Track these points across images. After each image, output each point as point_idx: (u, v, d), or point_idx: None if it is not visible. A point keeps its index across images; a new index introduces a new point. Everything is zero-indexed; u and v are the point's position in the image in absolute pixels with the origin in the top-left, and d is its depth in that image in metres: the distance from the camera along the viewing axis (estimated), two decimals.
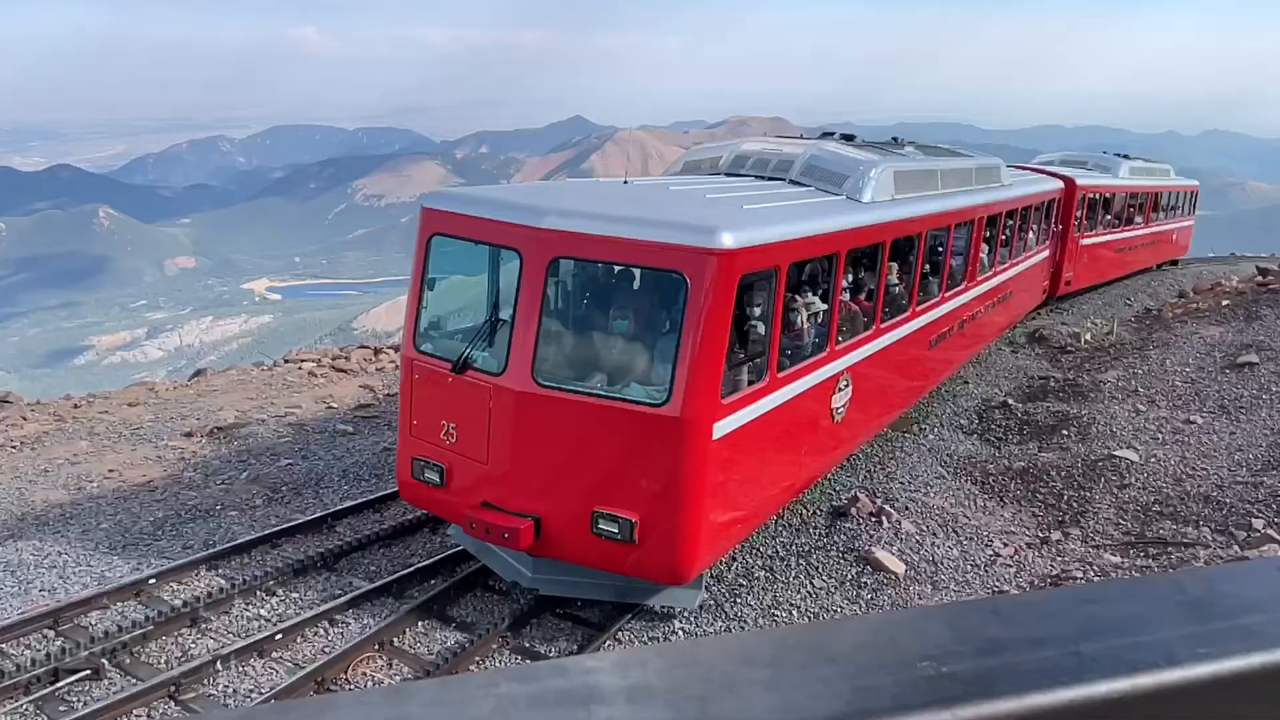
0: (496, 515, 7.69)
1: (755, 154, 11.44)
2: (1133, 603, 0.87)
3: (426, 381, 8.31)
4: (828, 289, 9.36)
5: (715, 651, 0.78)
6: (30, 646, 7.68)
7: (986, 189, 14.66)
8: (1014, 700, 0.73)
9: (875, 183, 10.46)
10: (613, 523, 7.38)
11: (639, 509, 7.35)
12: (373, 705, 0.70)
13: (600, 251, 7.63)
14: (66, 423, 14.20)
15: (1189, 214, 33.62)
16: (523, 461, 7.69)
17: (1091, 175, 24.11)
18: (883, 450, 12.58)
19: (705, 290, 7.10)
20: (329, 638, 8.02)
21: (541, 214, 7.60)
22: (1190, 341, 16.98)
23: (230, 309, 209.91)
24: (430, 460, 8.28)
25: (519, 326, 7.57)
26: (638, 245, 7.32)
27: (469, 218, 8.16)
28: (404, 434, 8.63)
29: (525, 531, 7.56)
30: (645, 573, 7.72)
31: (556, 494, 7.62)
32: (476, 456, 7.93)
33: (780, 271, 7.96)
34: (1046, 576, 9.35)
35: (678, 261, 7.22)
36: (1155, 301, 24.32)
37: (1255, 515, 10.09)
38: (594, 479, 7.50)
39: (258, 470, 11.93)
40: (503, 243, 7.95)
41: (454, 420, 8.09)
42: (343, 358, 18.96)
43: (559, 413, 7.49)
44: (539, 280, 7.55)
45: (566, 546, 7.72)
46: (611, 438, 7.41)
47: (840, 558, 9.55)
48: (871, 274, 10.68)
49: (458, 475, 8.14)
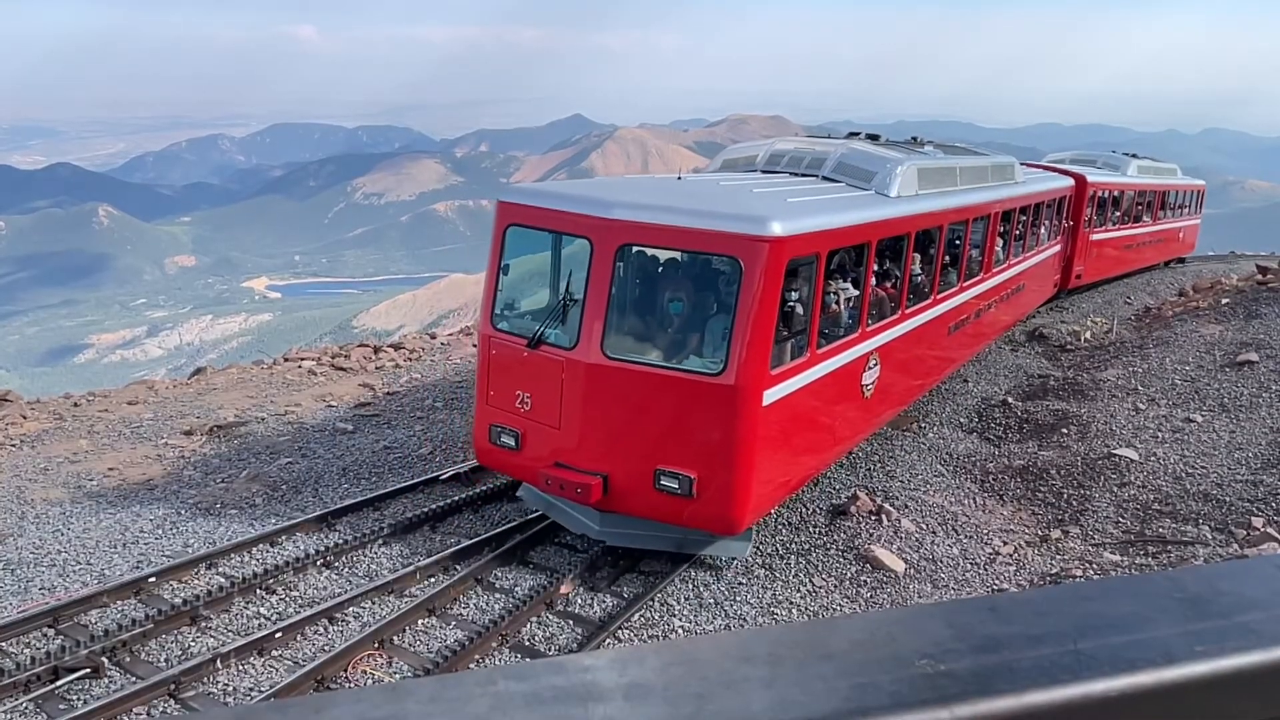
0: (569, 474, 8.57)
1: (789, 152, 12.28)
2: (1131, 600, 0.87)
3: (502, 356, 9.21)
4: (859, 276, 10.09)
5: (713, 649, 0.78)
6: (30, 645, 7.68)
7: (1001, 185, 15.34)
8: (1012, 698, 0.73)
9: (901, 179, 11.17)
10: (673, 479, 8.24)
11: (697, 467, 8.20)
12: (371, 703, 0.70)
13: (664, 239, 8.57)
14: (66, 421, 14.20)
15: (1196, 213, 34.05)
16: (592, 426, 8.57)
17: (1101, 173, 24.59)
18: (882, 449, 12.58)
19: (758, 273, 7.98)
20: (329, 635, 8.03)
21: (610, 206, 8.51)
22: (1190, 340, 16.98)
23: (230, 307, 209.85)
24: (506, 426, 9.16)
25: (589, 306, 8.45)
26: (698, 233, 8.26)
27: (543, 210, 9.14)
28: (481, 404, 9.50)
29: (595, 487, 8.43)
30: (702, 524, 8.58)
31: (622, 454, 8.48)
32: (549, 422, 8.80)
33: (820, 258, 8.83)
34: (1046, 575, 9.35)
35: (733, 248, 8.10)
36: (1155, 300, 24.32)
37: (1255, 513, 10.09)
38: (656, 440, 8.34)
39: (257, 468, 11.93)
40: (575, 232, 8.85)
41: (528, 390, 8.97)
42: (342, 356, 18.94)
43: (625, 382, 8.38)
44: (608, 265, 8.44)
45: (631, 501, 8.59)
46: (672, 404, 8.27)
47: (840, 556, 9.55)
48: (897, 263, 11.35)
49: (531, 440, 9.01)
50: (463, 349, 19.56)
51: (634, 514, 8.78)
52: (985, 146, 18.65)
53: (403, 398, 15.42)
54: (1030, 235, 18.05)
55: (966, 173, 13.84)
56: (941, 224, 12.35)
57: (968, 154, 15.61)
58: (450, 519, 10.38)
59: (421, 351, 19.42)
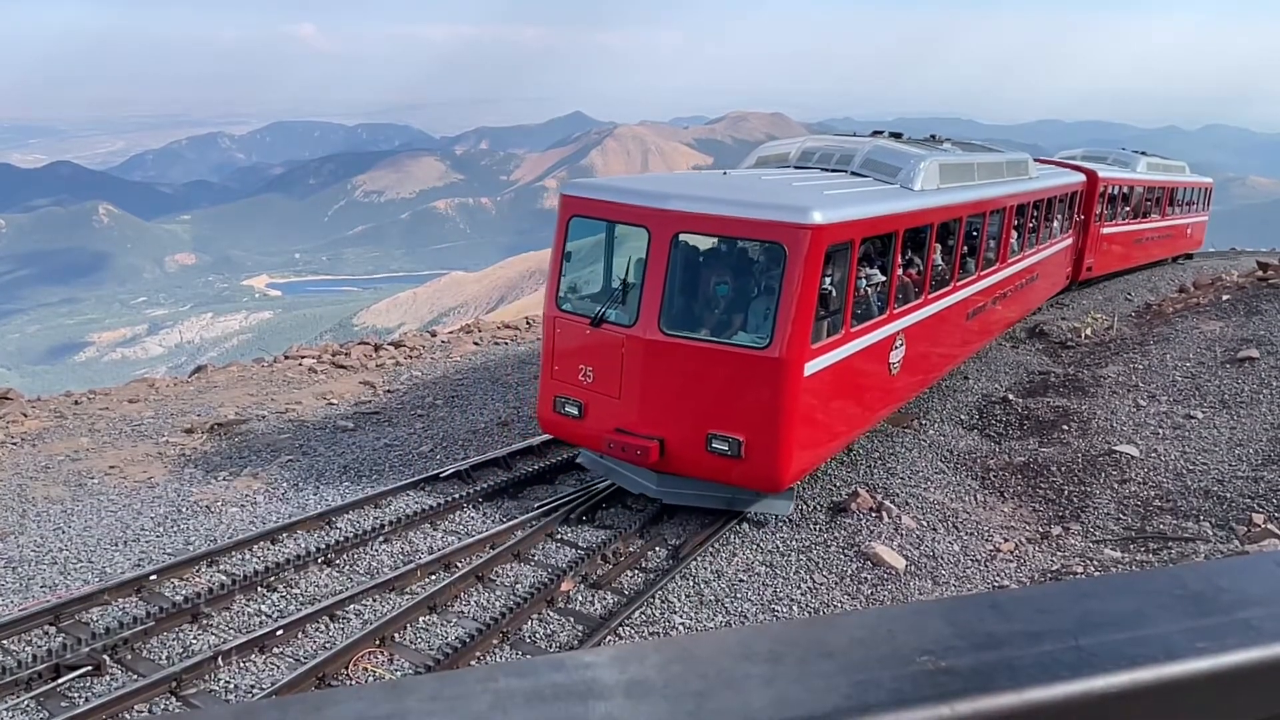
0: (629, 438, 9.45)
1: (820, 149, 13.14)
2: (1132, 597, 0.87)
3: (567, 334, 10.04)
4: (886, 262, 10.81)
5: (713, 646, 0.78)
6: (31, 642, 7.68)
7: (1016, 180, 16.05)
8: (1013, 695, 0.73)
9: (924, 174, 11.92)
10: (724, 442, 9.09)
11: (745, 430, 9.04)
12: (371, 700, 0.70)
13: (715, 227, 9.45)
14: (67, 419, 14.20)
15: (1203, 210, 34.55)
16: (650, 395, 9.43)
17: (1112, 169, 25.13)
18: (883, 445, 12.58)
19: (801, 257, 8.79)
20: (330, 633, 8.03)
21: (666, 199, 9.37)
22: (1190, 336, 16.96)
23: (230, 305, 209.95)
24: (570, 398, 10.01)
25: (648, 287, 9.32)
26: (746, 222, 9.12)
27: (604, 202, 9.94)
28: (545, 378, 10.34)
29: (653, 450, 9.31)
30: (749, 482, 9.43)
31: (677, 420, 9.33)
32: (610, 393, 9.66)
33: (854, 245, 9.64)
34: (1047, 571, 9.35)
35: (779, 235, 8.92)
36: (1156, 296, 24.30)
37: (1255, 510, 10.08)
38: (708, 407, 9.18)
39: (258, 466, 11.94)
40: (633, 222, 9.67)
41: (591, 365, 9.82)
42: (343, 354, 18.93)
43: (680, 356, 9.23)
44: (664, 250, 9.27)
45: (685, 462, 9.45)
46: (723, 374, 9.10)
47: (840, 553, 9.55)
48: (920, 253, 12.08)
49: (593, 409, 9.84)
50: (463, 347, 19.57)
51: (688, 474, 9.66)
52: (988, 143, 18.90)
53: (403, 395, 15.42)
54: (1044, 228, 18.71)
55: (984, 168, 14.46)
56: (961, 216, 13.07)
57: (984, 150, 16.21)
58: (451, 515, 10.39)
59: (422, 349, 19.42)
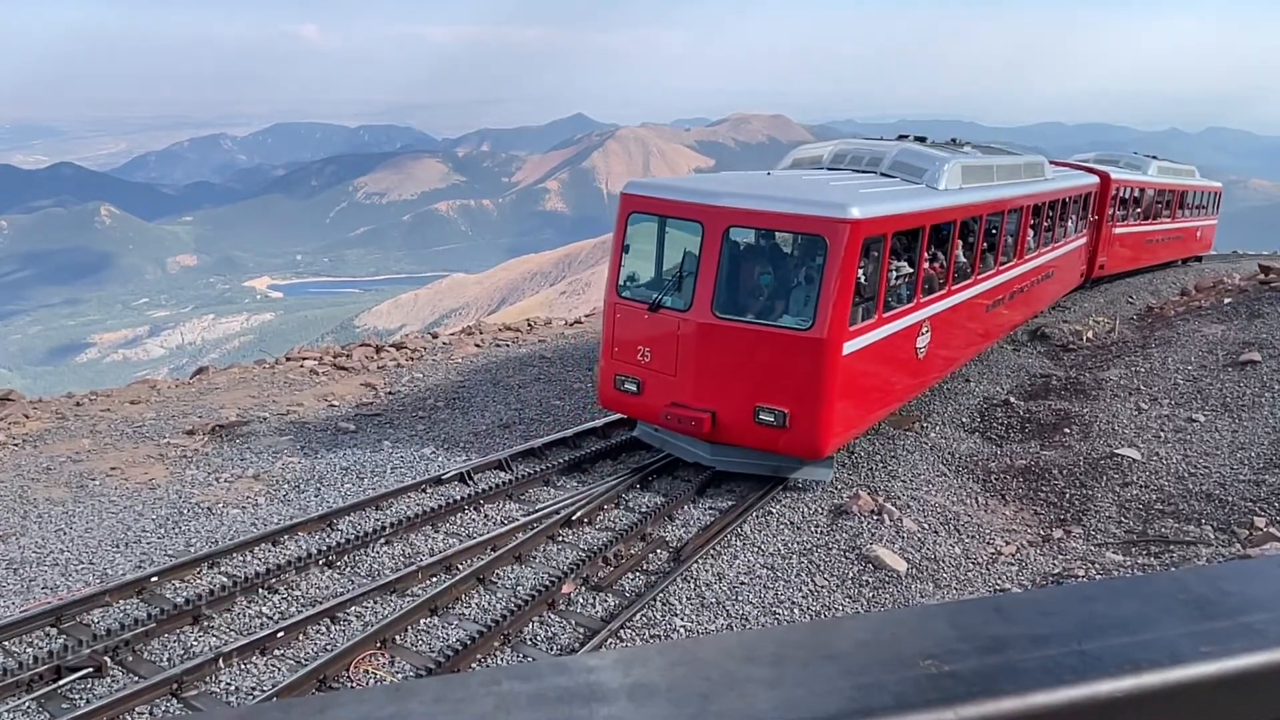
0: (684, 411, 10.49)
1: (851, 152, 14.17)
2: (1135, 601, 0.87)
3: (627, 319, 11.13)
4: (913, 255, 11.65)
5: (717, 649, 0.78)
6: (32, 644, 7.68)
7: (1033, 181, 16.95)
8: (1016, 699, 0.73)
9: (948, 174, 12.87)
10: (770, 414, 10.10)
11: (789, 403, 10.03)
12: (374, 703, 0.70)
13: (763, 221, 10.48)
14: (68, 420, 14.21)
15: (1213, 213, 35.21)
16: (703, 372, 10.44)
17: (1124, 172, 25.87)
18: (884, 448, 12.57)
19: (841, 248, 9.76)
20: (331, 635, 8.03)
21: (718, 196, 10.38)
22: (1192, 339, 16.94)
23: (232, 306, 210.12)
24: (629, 375, 11.08)
25: (701, 276, 10.35)
26: (791, 217, 10.19)
27: (661, 200, 11.06)
28: (606, 359, 11.42)
29: (706, 421, 10.36)
30: (793, 450, 10.43)
31: (728, 395, 10.31)
32: (667, 371, 10.72)
33: (887, 238, 10.58)
34: (1048, 574, 9.34)
35: (821, 228, 9.92)
36: (1157, 299, 24.29)
37: (1257, 513, 10.07)
38: (756, 383, 10.17)
39: (259, 468, 11.94)
40: (689, 217, 10.68)
41: (649, 345, 10.90)
42: (344, 355, 18.93)
43: (731, 337, 10.26)
44: (717, 242, 10.27)
45: (735, 433, 10.46)
46: (770, 353, 10.10)
47: (842, 556, 9.54)
48: (944, 247, 12.90)
49: (651, 385, 10.90)
50: (464, 349, 19.56)
51: (737, 444, 10.65)
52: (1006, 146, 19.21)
53: (404, 397, 15.42)
54: (1059, 227, 19.46)
55: (1002, 170, 15.32)
56: (981, 214, 13.98)
57: (1002, 153, 16.96)
58: (452, 517, 10.39)
59: (423, 351, 19.41)
